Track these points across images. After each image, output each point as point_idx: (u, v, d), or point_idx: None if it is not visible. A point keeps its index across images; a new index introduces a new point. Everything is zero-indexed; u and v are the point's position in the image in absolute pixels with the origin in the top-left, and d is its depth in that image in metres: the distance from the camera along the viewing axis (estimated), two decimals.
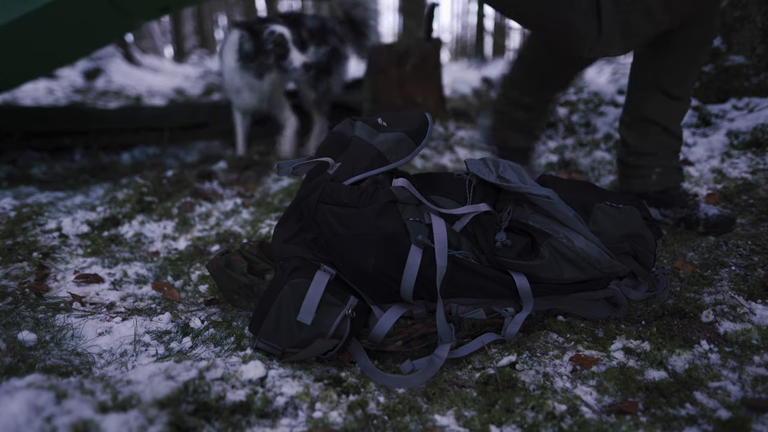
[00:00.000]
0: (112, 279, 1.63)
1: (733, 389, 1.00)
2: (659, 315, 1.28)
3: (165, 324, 1.33)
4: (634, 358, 1.12)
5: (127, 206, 2.16)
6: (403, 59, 3.69)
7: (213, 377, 0.97)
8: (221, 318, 1.37)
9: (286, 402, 0.96)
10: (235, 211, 2.26)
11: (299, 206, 1.30)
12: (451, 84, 7.32)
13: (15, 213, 2.08)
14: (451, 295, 1.24)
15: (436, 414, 0.98)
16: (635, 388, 1.02)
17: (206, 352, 1.21)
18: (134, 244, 1.94)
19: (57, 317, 1.34)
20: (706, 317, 1.23)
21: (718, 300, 1.29)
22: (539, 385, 1.04)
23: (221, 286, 1.38)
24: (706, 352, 1.12)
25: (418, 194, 1.25)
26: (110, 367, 1.15)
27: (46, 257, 1.73)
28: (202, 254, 1.85)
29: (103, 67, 7.46)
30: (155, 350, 1.23)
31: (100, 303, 1.48)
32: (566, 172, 2.71)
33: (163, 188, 2.40)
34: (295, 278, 1.15)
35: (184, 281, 1.64)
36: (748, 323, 1.20)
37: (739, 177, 2.16)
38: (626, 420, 0.93)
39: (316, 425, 0.91)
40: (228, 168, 2.85)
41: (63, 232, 1.92)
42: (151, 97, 6.29)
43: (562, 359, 1.13)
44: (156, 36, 10.91)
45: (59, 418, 0.77)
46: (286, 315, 1.11)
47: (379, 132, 1.35)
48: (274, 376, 1.03)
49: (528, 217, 1.26)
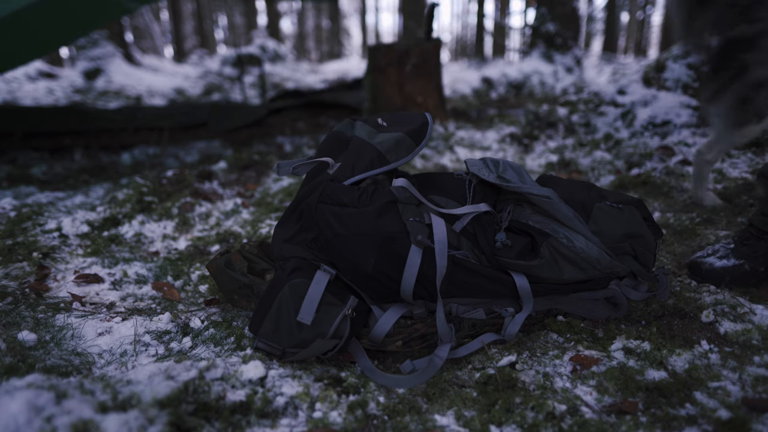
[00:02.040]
0: (112, 279, 1.63)
1: (733, 389, 1.00)
2: (659, 315, 1.28)
3: (165, 324, 1.33)
4: (634, 358, 1.12)
5: (127, 206, 2.16)
6: (403, 59, 3.69)
7: (213, 377, 0.97)
8: (221, 318, 1.37)
9: (286, 402, 0.96)
10: (235, 211, 2.26)
11: (299, 206, 1.30)
12: (451, 84, 7.32)
13: (15, 213, 2.08)
14: (451, 295, 1.24)
15: (436, 414, 0.98)
16: (635, 388, 1.02)
17: (206, 352, 1.21)
18: (134, 244, 1.94)
19: (57, 317, 1.34)
20: (707, 317, 1.23)
21: (719, 300, 1.29)
22: (539, 385, 1.04)
23: (221, 286, 1.38)
24: (706, 352, 1.12)
25: (418, 194, 1.25)
26: (110, 367, 1.15)
27: (46, 257, 1.73)
28: (202, 254, 1.85)
29: (103, 67, 7.46)
30: (155, 350, 1.23)
31: (100, 303, 1.48)
32: (566, 172, 2.71)
33: (163, 188, 2.40)
34: (295, 278, 1.15)
35: (184, 281, 1.64)
36: (748, 323, 1.20)
37: (740, 177, 2.16)
38: (626, 420, 0.93)
39: (316, 425, 0.91)
40: (228, 168, 2.85)
41: (63, 232, 1.92)
42: (151, 97, 6.29)
43: (562, 359, 1.13)
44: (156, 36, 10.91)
45: (59, 418, 0.77)
46: (286, 315, 1.11)
47: (379, 132, 1.35)
48: (274, 376, 1.03)
49: (528, 217, 1.26)
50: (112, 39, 8.06)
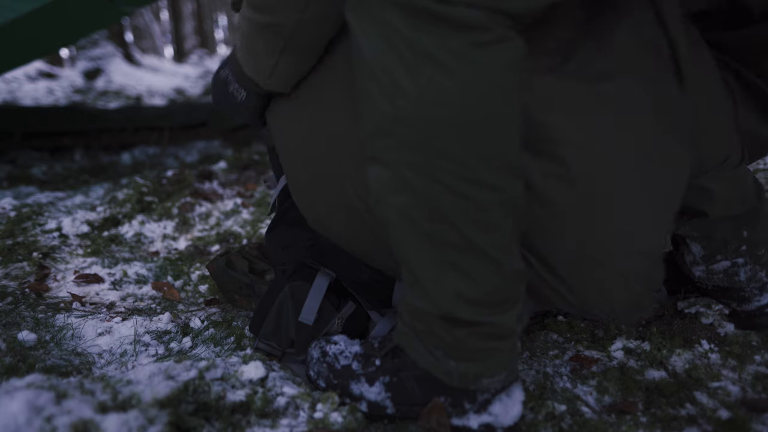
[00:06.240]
0: (112, 279, 1.63)
1: (733, 389, 1.00)
2: (659, 315, 1.28)
3: (165, 324, 1.33)
4: (634, 358, 1.12)
5: (127, 206, 2.16)
6: None
7: (213, 377, 0.97)
8: (221, 318, 1.37)
9: (287, 402, 0.96)
10: (235, 211, 2.26)
11: (288, 212, 1.29)
12: None
13: (15, 213, 2.08)
14: None
15: None
16: (635, 388, 1.02)
17: (206, 352, 1.21)
18: (134, 244, 1.94)
19: (57, 317, 1.34)
20: (707, 317, 1.23)
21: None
22: (539, 385, 1.04)
23: (221, 286, 1.38)
24: (706, 352, 1.12)
25: None
26: (110, 367, 1.15)
27: (46, 257, 1.73)
28: (202, 254, 1.85)
29: (103, 67, 7.47)
30: (155, 350, 1.23)
31: (100, 303, 1.48)
32: None
33: (163, 188, 2.40)
34: (295, 280, 1.15)
35: (184, 281, 1.64)
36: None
37: None
38: (626, 420, 0.93)
39: (317, 425, 0.91)
40: (228, 168, 2.85)
41: (63, 232, 1.92)
42: (151, 97, 6.29)
43: (562, 359, 1.13)
44: (156, 36, 10.92)
45: (59, 418, 0.77)
46: (286, 316, 1.11)
47: None
48: (274, 376, 1.03)
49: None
50: (112, 39, 8.06)
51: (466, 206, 0.74)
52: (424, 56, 0.68)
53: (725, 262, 1.14)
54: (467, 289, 0.79)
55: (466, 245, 0.76)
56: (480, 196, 0.74)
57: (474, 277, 0.78)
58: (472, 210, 0.74)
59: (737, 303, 1.18)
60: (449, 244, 0.77)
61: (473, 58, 0.68)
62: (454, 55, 0.68)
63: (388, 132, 0.74)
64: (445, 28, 0.67)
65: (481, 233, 0.76)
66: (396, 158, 0.75)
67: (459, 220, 0.75)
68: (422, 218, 0.76)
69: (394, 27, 0.69)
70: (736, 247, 1.12)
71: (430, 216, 0.76)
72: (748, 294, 1.15)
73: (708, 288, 1.20)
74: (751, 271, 1.14)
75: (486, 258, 0.77)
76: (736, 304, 1.18)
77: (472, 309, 0.80)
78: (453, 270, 0.78)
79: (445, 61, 0.68)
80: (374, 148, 0.77)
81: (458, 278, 0.78)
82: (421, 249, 0.79)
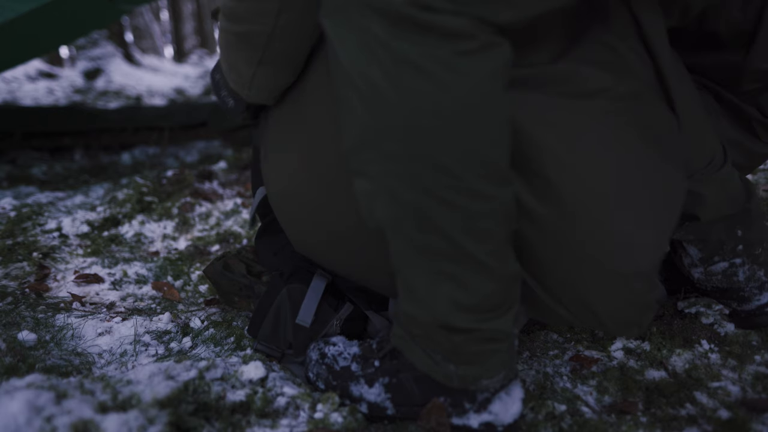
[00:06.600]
0: (112, 279, 1.63)
1: (733, 389, 1.00)
2: (659, 315, 1.28)
3: (165, 324, 1.33)
4: (634, 358, 1.12)
5: (127, 206, 2.16)
6: None
7: (213, 377, 0.97)
8: (221, 318, 1.37)
9: (287, 402, 0.96)
10: (235, 211, 2.26)
11: (274, 223, 1.28)
12: None
13: (15, 213, 2.08)
14: None
15: None
16: (635, 388, 1.02)
17: (206, 352, 1.21)
18: (134, 244, 1.94)
19: (57, 317, 1.34)
20: (707, 317, 1.23)
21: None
22: (539, 385, 1.04)
23: (219, 289, 1.38)
24: (707, 352, 1.12)
25: None
26: (110, 367, 1.15)
27: (46, 257, 1.73)
28: (202, 254, 1.85)
29: (103, 67, 7.46)
30: (155, 350, 1.23)
31: (100, 303, 1.48)
32: None
33: (163, 188, 2.40)
34: (292, 282, 1.15)
35: (184, 281, 1.64)
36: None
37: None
38: (626, 420, 0.93)
39: (317, 426, 0.91)
40: (228, 168, 2.85)
41: (63, 232, 1.92)
42: (151, 97, 6.29)
43: (562, 359, 1.13)
44: (156, 36, 10.91)
45: (59, 418, 0.77)
46: (284, 319, 1.11)
47: None
48: (274, 377, 1.03)
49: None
50: (112, 39, 8.05)
51: (456, 216, 0.73)
52: (404, 63, 0.66)
53: (723, 263, 1.14)
54: (462, 298, 0.78)
55: (458, 254, 0.75)
56: (470, 205, 0.72)
57: (468, 285, 0.77)
58: (462, 219, 0.73)
59: (737, 303, 1.18)
60: (441, 253, 0.76)
61: (458, 67, 0.66)
62: (438, 63, 0.66)
63: (371, 143, 0.72)
64: (429, 37, 0.65)
65: (472, 242, 0.74)
66: (381, 170, 0.73)
67: (450, 229, 0.73)
68: (412, 229, 0.75)
69: (373, 33, 0.66)
70: (732, 247, 1.12)
71: (419, 226, 0.74)
72: (747, 294, 1.15)
73: (707, 289, 1.20)
74: (749, 270, 1.14)
75: (479, 266, 0.76)
76: (736, 304, 1.18)
77: (468, 317, 0.79)
78: (447, 279, 0.77)
79: (428, 69, 0.66)
80: (358, 161, 0.75)
81: (452, 287, 0.78)
82: (414, 259, 0.78)
